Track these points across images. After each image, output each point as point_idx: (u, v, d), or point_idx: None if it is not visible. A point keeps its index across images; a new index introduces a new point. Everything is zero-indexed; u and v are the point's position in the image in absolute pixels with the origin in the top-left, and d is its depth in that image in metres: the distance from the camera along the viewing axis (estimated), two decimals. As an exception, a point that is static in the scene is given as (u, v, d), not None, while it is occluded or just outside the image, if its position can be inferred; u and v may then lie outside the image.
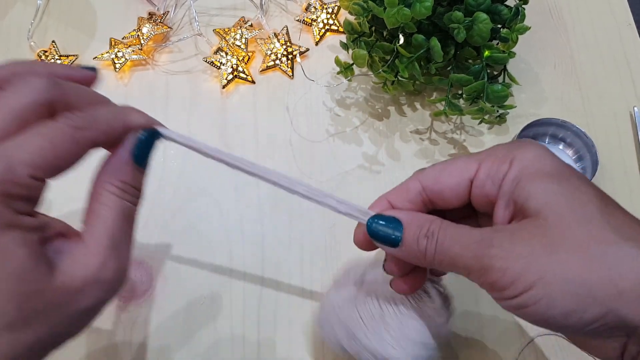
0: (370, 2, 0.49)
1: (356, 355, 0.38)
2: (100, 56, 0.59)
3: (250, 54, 0.60)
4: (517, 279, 0.27)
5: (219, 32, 0.61)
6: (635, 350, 0.28)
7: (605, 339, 0.28)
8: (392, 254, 0.33)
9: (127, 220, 0.31)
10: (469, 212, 0.35)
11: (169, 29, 0.61)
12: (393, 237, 0.32)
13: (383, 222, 0.33)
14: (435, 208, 0.34)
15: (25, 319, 0.25)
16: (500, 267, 0.28)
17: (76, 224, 0.33)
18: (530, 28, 0.51)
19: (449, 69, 0.54)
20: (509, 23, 0.50)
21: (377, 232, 0.33)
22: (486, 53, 0.50)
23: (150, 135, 0.34)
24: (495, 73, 0.56)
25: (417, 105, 0.58)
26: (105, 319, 0.48)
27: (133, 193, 0.32)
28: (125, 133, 0.32)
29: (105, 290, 0.28)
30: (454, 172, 0.33)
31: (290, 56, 0.59)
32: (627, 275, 0.26)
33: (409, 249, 0.32)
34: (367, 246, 0.35)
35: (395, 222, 0.32)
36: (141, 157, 0.33)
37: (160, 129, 0.34)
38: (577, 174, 0.31)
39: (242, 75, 0.58)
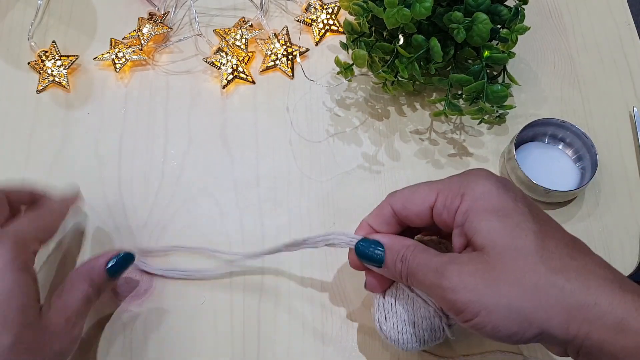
0: (370, 2, 0.49)
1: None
2: (100, 56, 0.59)
3: (250, 54, 0.60)
4: (465, 308, 0.33)
5: (219, 33, 0.61)
6: (574, 352, 0.33)
7: (549, 346, 0.35)
8: (377, 272, 0.40)
9: (87, 305, 0.42)
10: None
11: (169, 29, 0.61)
12: (377, 257, 0.39)
13: (368, 245, 0.40)
14: (409, 226, 0.40)
15: (20, 346, 0.36)
16: (451, 298, 0.34)
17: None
18: (529, 28, 0.51)
19: (448, 69, 0.54)
20: (509, 23, 0.50)
21: (364, 253, 0.40)
22: (486, 53, 0.50)
23: (124, 259, 0.45)
24: (495, 73, 0.56)
25: (417, 105, 0.58)
26: (105, 319, 0.48)
27: (98, 290, 0.43)
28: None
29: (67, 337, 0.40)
30: (417, 201, 0.38)
31: (290, 56, 0.59)
32: (554, 303, 0.32)
33: (389, 269, 0.39)
34: (359, 267, 0.41)
35: (378, 245, 0.39)
36: (113, 273, 0.44)
37: (136, 258, 0.46)
38: (519, 210, 0.35)
39: (242, 75, 0.59)
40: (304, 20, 0.61)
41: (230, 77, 0.58)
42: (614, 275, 0.33)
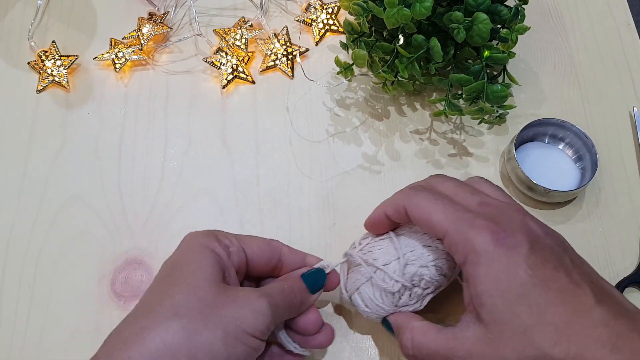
0: (370, 2, 0.49)
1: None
2: (100, 56, 0.59)
3: (250, 54, 0.60)
4: None
5: (219, 32, 0.61)
6: None
7: None
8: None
9: (283, 297, 0.39)
10: None
11: (169, 29, 0.61)
12: (391, 329, 0.42)
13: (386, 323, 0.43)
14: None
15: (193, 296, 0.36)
16: None
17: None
18: (530, 28, 0.51)
19: (448, 69, 0.54)
20: (509, 23, 0.50)
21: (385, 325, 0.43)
22: (486, 53, 0.50)
23: (319, 273, 0.43)
24: (495, 73, 0.56)
25: (417, 105, 0.58)
26: (105, 319, 0.48)
27: (293, 289, 0.40)
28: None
29: (249, 314, 0.37)
30: (433, 221, 0.38)
31: (290, 56, 0.59)
32: None
33: (399, 340, 0.40)
34: None
35: (389, 326, 0.42)
36: (310, 284, 0.42)
37: (327, 271, 0.44)
38: (522, 278, 0.35)
39: (242, 75, 0.58)
40: (304, 20, 0.61)
41: (230, 77, 0.58)
42: (609, 335, 0.33)
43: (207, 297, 0.36)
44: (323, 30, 0.61)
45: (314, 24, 0.61)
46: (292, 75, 0.59)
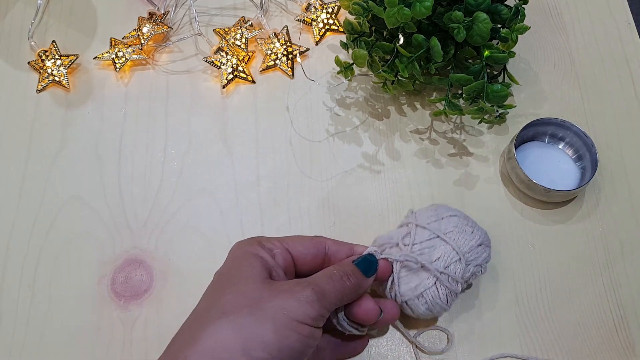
0: (370, 2, 0.49)
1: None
2: (100, 56, 0.59)
3: (250, 53, 0.60)
4: None
5: (219, 32, 0.61)
6: None
7: None
8: None
9: (331, 282, 0.39)
10: None
11: (169, 29, 0.61)
12: None
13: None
14: None
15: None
16: None
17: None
18: (530, 28, 0.51)
19: (448, 68, 0.54)
20: (509, 23, 0.50)
21: None
22: (486, 53, 0.50)
23: (368, 258, 0.43)
24: (495, 73, 0.56)
25: (417, 105, 0.58)
26: (105, 319, 0.48)
27: (345, 274, 0.40)
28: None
29: (294, 303, 0.37)
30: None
31: (290, 56, 0.59)
32: None
33: None
34: None
35: None
36: (363, 268, 0.42)
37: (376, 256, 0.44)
38: None
39: (242, 75, 0.58)
40: (304, 19, 0.61)
41: (231, 76, 0.58)
42: None
43: (254, 294, 0.37)
44: (323, 30, 0.61)
45: (314, 23, 0.61)
46: (292, 75, 0.59)
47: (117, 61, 0.59)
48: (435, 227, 0.45)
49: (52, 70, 0.58)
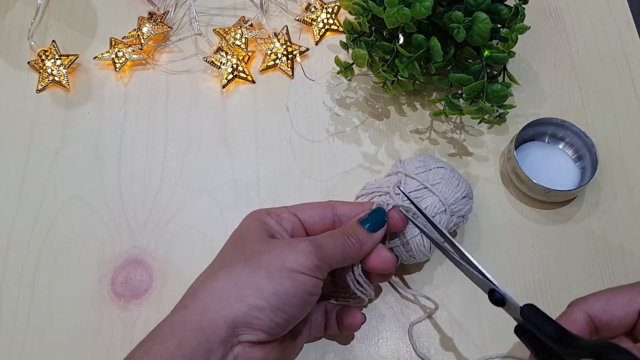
0: (370, 1, 0.49)
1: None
2: (100, 56, 0.59)
3: (250, 53, 0.60)
4: None
5: (219, 32, 0.61)
6: None
7: None
8: None
9: (334, 241, 0.40)
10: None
11: (169, 29, 0.61)
12: None
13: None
14: (598, 335, 0.38)
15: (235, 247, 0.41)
16: None
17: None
18: (529, 28, 0.51)
19: (448, 68, 0.54)
20: (509, 23, 0.50)
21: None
22: (486, 53, 0.50)
23: (375, 212, 0.43)
24: (495, 73, 0.56)
25: (417, 105, 0.58)
26: (105, 319, 0.48)
27: (350, 234, 0.41)
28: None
29: (289, 253, 0.38)
30: (622, 303, 0.37)
31: (290, 56, 0.59)
32: None
33: None
34: None
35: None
36: (368, 224, 0.42)
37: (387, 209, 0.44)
38: None
39: (242, 75, 0.58)
40: (304, 19, 0.61)
41: (230, 76, 0.58)
42: None
43: (252, 249, 0.39)
44: (323, 30, 0.61)
45: (314, 23, 0.61)
46: (292, 74, 0.59)
47: (117, 61, 0.59)
48: (424, 178, 0.47)
49: (52, 70, 0.58)
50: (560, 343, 0.34)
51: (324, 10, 0.61)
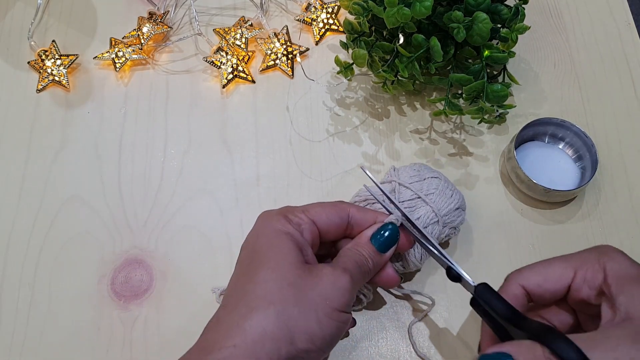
0: (370, 1, 0.49)
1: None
2: (100, 56, 0.59)
3: (250, 53, 0.60)
4: None
5: (219, 32, 0.61)
6: None
7: None
8: None
9: (359, 269, 0.41)
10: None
11: (169, 29, 0.61)
12: None
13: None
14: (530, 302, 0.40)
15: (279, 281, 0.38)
16: None
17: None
18: (530, 28, 0.51)
19: (448, 68, 0.54)
20: (509, 23, 0.50)
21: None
22: (486, 53, 0.50)
23: (388, 231, 0.43)
24: (495, 73, 0.56)
25: (417, 104, 0.58)
26: (105, 319, 0.48)
27: (366, 257, 0.41)
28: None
29: (336, 292, 0.38)
30: (554, 278, 0.38)
31: (290, 56, 0.59)
32: None
33: None
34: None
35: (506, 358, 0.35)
36: (382, 249, 0.42)
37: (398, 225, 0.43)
38: None
39: (242, 74, 0.58)
40: (304, 19, 0.61)
41: (230, 76, 0.58)
42: None
43: (296, 282, 0.37)
44: (323, 30, 0.61)
45: (314, 23, 0.61)
46: (292, 74, 0.59)
47: (117, 61, 0.59)
48: (418, 188, 0.46)
49: (52, 70, 0.58)
50: (509, 322, 0.37)
51: (324, 10, 0.61)
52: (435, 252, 0.42)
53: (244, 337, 0.35)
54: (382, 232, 0.42)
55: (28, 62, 0.60)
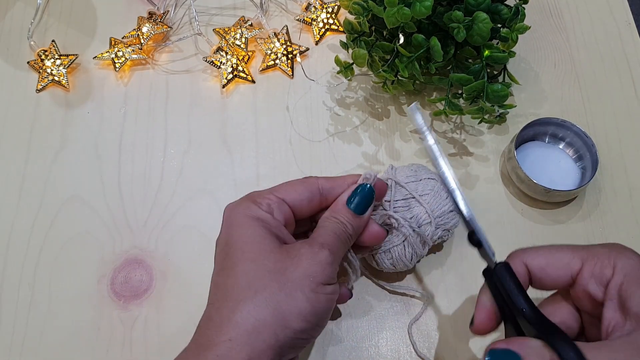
0: (370, 1, 0.49)
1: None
2: (100, 56, 0.59)
3: (250, 53, 0.60)
4: None
5: (219, 32, 0.61)
6: None
7: None
8: None
9: (337, 238, 0.40)
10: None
11: (169, 29, 0.61)
12: None
13: (502, 356, 0.34)
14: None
15: (262, 267, 0.37)
16: None
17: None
18: (530, 27, 0.51)
19: (448, 68, 0.54)
20: (509, 22, 0.50)
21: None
22: (486, 52, 0.50)
23: (363, 195, 0.42)
24: (495, 72, 0.56)
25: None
26: (105, 319, 0.48)
27: (344, 223, 0.41)
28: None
29: (317, 268, 0.38)
30: (559, 265, 0.37)
31: (290, 56, 0.59)
32: None
33: None
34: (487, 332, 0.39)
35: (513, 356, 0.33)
36: (359, 211, 0.42)
37: (373, 185, 0.43)
38: None
39: (242, 74, 0.58)
40: (304, 19, 0.61)
41: (230, 76, 0.58)
42: None
43: (276, 267, 0.38)
44: (323, 30, 0.61)
45: (314, 23, 0.61)
46: (292, 74, 0.59)
47: (116, 61, 0.59)
48: (413, 188, 0.46)
49: (52, 70, 0.58)
50: (523, 316, 0.36)
51: (324, 10, 0.61)
52: (465, 212, 0.41)
53: (237, 330, 0.35)
54: (356, 194, 0.42)
55: (28, 62, 0.59)
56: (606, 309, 0.35)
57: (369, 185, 0.42)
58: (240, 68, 0.58)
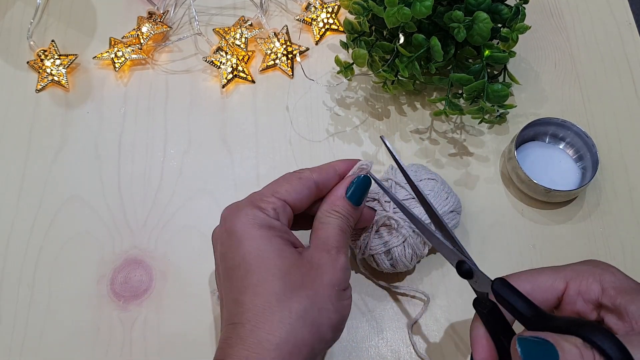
0: (370, 1, 0.49)
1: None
2: (100, 55, 0.59)
3: (250, 53, 0.60)
4: None
5: (218, 32, 0.61)
6: None
7: None
8: None
9: (344, 235, 0.41)
10: None
11: (168, 29, 0.61)
12: None
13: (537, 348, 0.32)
14: None
15: (289, 285, 0.37)
16: None
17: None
18: (530, 27, 0.50)
19: (449, 68, 0.54)
20: (509, 22, 0.50)
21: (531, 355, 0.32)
22: (486, 52, 0.50)
23: (360, 185, 0.42)
24: (496, 72, 0.56)
25: (417, 104, 0.58)
26: (105, 319, 0.48)
27: (346, 216, 0.41)
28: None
29: (339, 275, 0.39)
30: (544, 287, 0.37)
31: (290, 55, 0.59)
32: None
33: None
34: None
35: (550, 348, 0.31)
36: (355, 201, 0.42)
37: (370, 175, 0.43)
38: None
39: (242, 74, 0.58)
40: (303, 19, 0.61)
41: (230, 76, 0.58)
42: None
43: (303, 281, 0.38)
44: (323, 30, 0.61)
45: (314, 23, 0.61)
46: (292, 74, 0.59)
47: (116, 61, 0.59)
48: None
49: (52, 70, 0.58)
50: (532, 320, 0.34)
51: (324, 10, 0.61)
52: (448, 243, 0.40)
53: (279, 352, 0.35)
54: (354, 185, 0.42)
55: (27, 62, 0.59)
56: (609, 324, 0.35)
57: (364, 176, 0.42)
58: (240, 68, 0.58)
